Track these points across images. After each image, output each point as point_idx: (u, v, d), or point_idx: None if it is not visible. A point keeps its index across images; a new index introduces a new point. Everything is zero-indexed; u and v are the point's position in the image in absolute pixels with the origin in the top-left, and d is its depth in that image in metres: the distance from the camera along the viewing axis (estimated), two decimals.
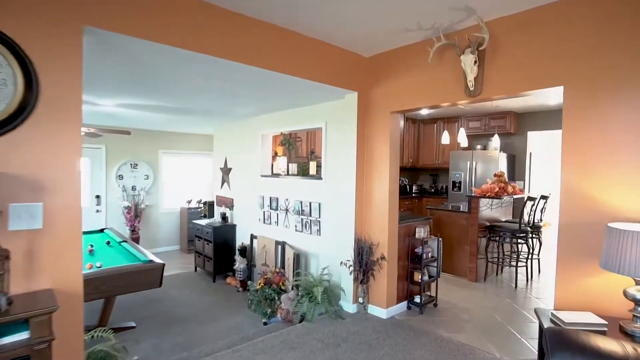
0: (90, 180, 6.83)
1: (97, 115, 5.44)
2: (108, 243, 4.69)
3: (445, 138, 5.94)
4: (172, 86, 3.69)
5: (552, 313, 2.28)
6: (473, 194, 5.16)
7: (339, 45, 3.58)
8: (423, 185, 8.94)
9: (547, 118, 7.09)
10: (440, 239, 4.13)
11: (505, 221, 5.65)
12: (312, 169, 4.69)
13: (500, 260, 5.37)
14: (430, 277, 4.06)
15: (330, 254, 4.30)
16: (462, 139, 5.58)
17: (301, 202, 4.70)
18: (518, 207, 7.28)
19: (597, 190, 2.38)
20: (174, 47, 2.51)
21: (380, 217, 3.79)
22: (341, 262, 3.91)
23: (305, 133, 5.55)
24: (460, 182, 7.39)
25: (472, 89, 2.96)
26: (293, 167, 5.03)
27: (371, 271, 3.80)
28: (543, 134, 8.22)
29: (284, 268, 4.78)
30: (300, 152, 5.62)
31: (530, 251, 5.14)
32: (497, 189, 4.98)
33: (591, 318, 2.16)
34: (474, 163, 7.19)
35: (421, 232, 3.98)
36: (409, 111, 3.70)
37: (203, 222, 6.19)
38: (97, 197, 6.90)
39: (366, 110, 3.92)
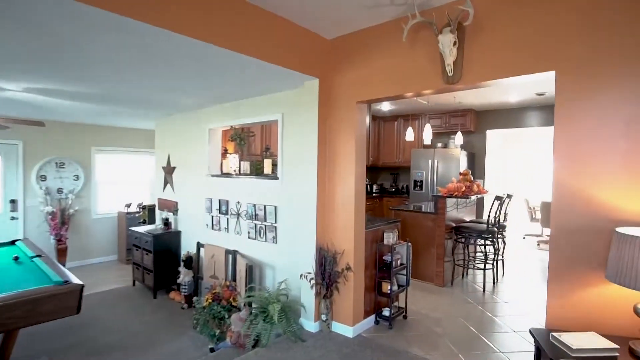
0: (3, 181, 5.77)
1: (9, 103, 4.51)
2: (16, 259, 3.83)
3: (410, 135, 5.64)
4: (94, 65, 2.98)
5: (552, 336, 1.93)
6: (439, 194, 4.88)
7: (298, 22, 3.07)
8: (384, 184, 8.67)
9: (506, 116, 7.05)
10: (409, 243, 3.76)
11: (471, 221, 5.45)
12: (267, 168, 4.15)
13: (466, 262, 5.15)
14: (399, 286, 3.68)
15: (288, 265, 3.78)
16: (428, 135, 5.29)
17: (254, 206, 4.14)
18: (480, 206, 7.19)
19: (597, 189, 2.07)
20: (93, 8, 1.87)
21: (345, 222, 3.34)
22: (301, 275, 3.41)
23: (260, 127, 4.98)
24: (421, 181, 7.17)
25: (450, 74, 2.58)
26: (245, 166, 4.45)
27: (335, 284, 3.34)
28: (497, 133, 8.25)
29: (235, 281, 4.19)
30: (254, 149, 5.05)
31: (497, 252, 4.96)
32: (463, 188, 4.73)
33: (599, 341, 1.83)
34: (435, 161, 6.99)
35: (390, 238, 3.57)
36: (378, 101, 3.28)
37: (142, 229, 5.41)
38: (12, 201, 5.85)
39: (329, 100, 3.45)
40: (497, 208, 4.68)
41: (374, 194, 7.93)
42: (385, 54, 3.03)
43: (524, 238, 8.34)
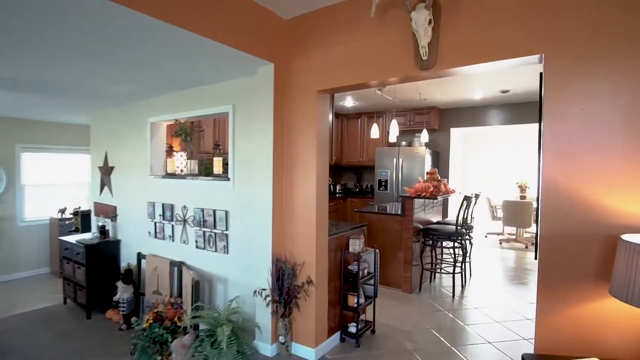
0: None
1: None
2: None
3: (375, 132, 5.33)
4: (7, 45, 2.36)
5: None
6: (406, 194, 4.59)
7: None
8: (347, 184, 8.36)
9: (470, 114, 6.95)
10: (377, 250, 3.41)
11: (438, 223, 5.22)
12: (217, 168, 3.64)
13: (434, 266, 4.91)
14: (367, 298, 3.32)
15: (242, 279, 3.31)
16: (394, 132, 4.99)
17: (202, 211, 3.62)
18: (446, 207, 7.05)
19: (593, 189, 1.79)
20: None
21: (306, 229, 2.92)
22: (255, 291, 2.95)
23: (212, 122, 4.45)
24: (386, 181, 6.91)
25: (425, 58, 2.24)
26: (193, 165, 3.92)
27: (295, 300, 2.92)
28: (459, 131, 8.18)
29: (181, 297, 3.66)
30: (204, 146, 4.50)
31: (466, 254, 4.75)
32: (431, 188, 4.47)
33: None
34: (400, 160, 6.76)
35: (356, 245, 3.20)
36: (342, 90, 2.88)
37: (73, 238, 4.68)
38: None
39: (286, 89, 3.01)
40: (465, 209, 4.47)
41: (337, 195, 7.59)
42: (350, 35, 2.64)
43: (485, 236, 8.34)
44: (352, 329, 3.17)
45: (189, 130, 3.79)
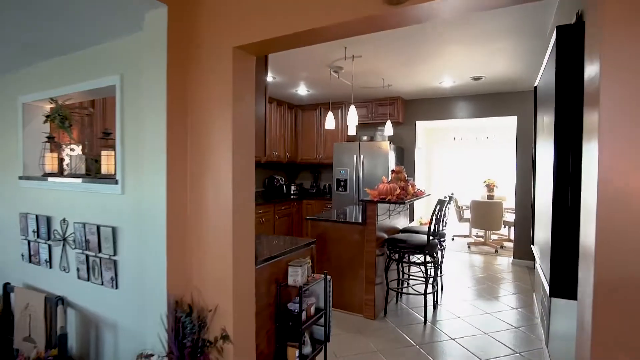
0: None
1: None
2: None
3: (330, 121, 4.42)
4: None
5: None
6: (368, 198, 3.75)
7: None
8: (303, 184, 7.45)
9: (436, 106, 6.26)
10: (329, 278, 2.51)
11: (405, 230, 4.42)
12: (106, 165, 2.58)
13: (401, 284, 4.11)
14: (315, 344, 2.41)
15: (135, 326, 2.29)
16: (353, 121, 4.10)
17: (84, 226, 2.56)
18: (412, 210, 6.32)
19: None
20: None
21: (220, 256, 1.96)
22: (140, 355, 1.94)
23: (99, 102, 3.34)
24: (345, 181, 6.08)
25: None
26: (77, 162, 2.83)
27: None
28: (423, 125, 7.54)
29: (56, 349, 2.57)
30: (96, 135, 3.38)
31: (438, 268, 3.99)
32: (398, 190, 3.65)
33: None
34: (361, 157, 5.94)
35: (297, 275, 2.28)
36: (276, 47, 1.93)
37: None
38: None
39: (188, 48, 2.03)
40: (438, 214, 3.69)
41: (292, 196, 6.65)
42: None
43: (452, 239, 7.75)
44: None
45: (65, 112, 2.70)
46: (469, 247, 6.90)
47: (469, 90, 5.64)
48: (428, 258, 3.71)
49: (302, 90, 5.76)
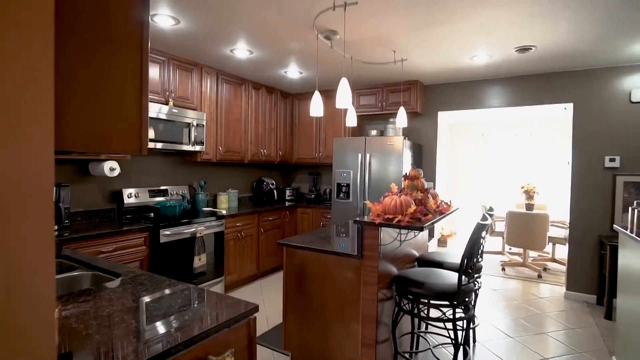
0: None
1: None
2: None
3: (317, 105, 3.11)
4: None
5: None
6: (367, 218, 2.51)
7: None
8: (300, 188, 6.25)
9: (462, 91, 4.94)
10: None
11: (422, 260, 3.13)
12: None
13: (416, 347, 2.86)
14: None
15: None
16: (344, 99, 2.77)
17: None
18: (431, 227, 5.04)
19: None
20: None
21: None
22: None
23: None
24: (347, 185, 4.84)
25: None
26: None
27: None
28: (446, 117, 6.25)
29: None
30: None
31: (471, 324, 2.72)
32: (413, 207, 2.39)
33: None
34: (367, 156, 4.69)
35: None
36: None
37: None
38: None
39: None
40: (476, 242, 2.40)
41: (287, 203, 5.47)
42: None
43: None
44: None
45: None
46: (502, 269, 5.56)
47: (509, 68, 4.32)
48: (459, 310, 2.44)
49: (293, 71, 4.56)
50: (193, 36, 3.40)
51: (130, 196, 3.82)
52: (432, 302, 2.35)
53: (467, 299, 2.34)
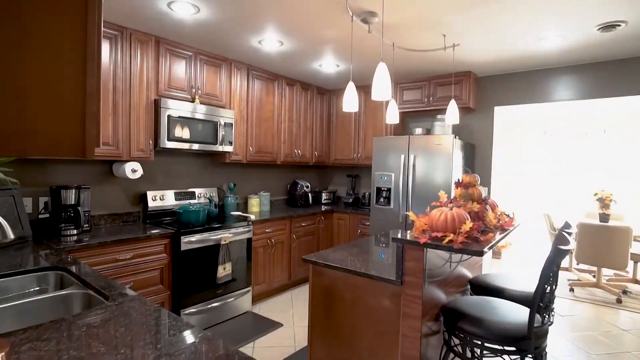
0: None
1: None
2: None
3: (350, 99, 2.67)
4: None
5: None
6: (409, 235, 2.04)
7: None
8: (338, 191, 5.83)
9: (527, 82, 4.27)
10: None
11: (476, 285, 2.58)
12: None
13: None
14: None
15: None
16: (382, 89, 2.29)
17: None
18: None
19: None
20: None
21: None
22: None
23: None
24: (388, 190, 4.35)
25: None
26: None
27: None
28: (503, 112, 5.54)
29: None
30: None
31: None
32: (469, 223, 1.88)
33: None
34: (411, 157, 4.17)
35: None
36: None
37: None
38: None
39: None
40: (554, 268, 1.85)
41: (323, 207, 5.08)
42: None
43: None
44: None
45: None
46: (571, 289, 4.77)
47: (586, 53, 3.61)
48: (528, 357, 1.90)
49: (329, 65, 4.15)
50: (216, 26, 3.10)
51: (155, 199, 3.62)
52: (491, 345, 1.83)
53: (539, 349, 1.79)
